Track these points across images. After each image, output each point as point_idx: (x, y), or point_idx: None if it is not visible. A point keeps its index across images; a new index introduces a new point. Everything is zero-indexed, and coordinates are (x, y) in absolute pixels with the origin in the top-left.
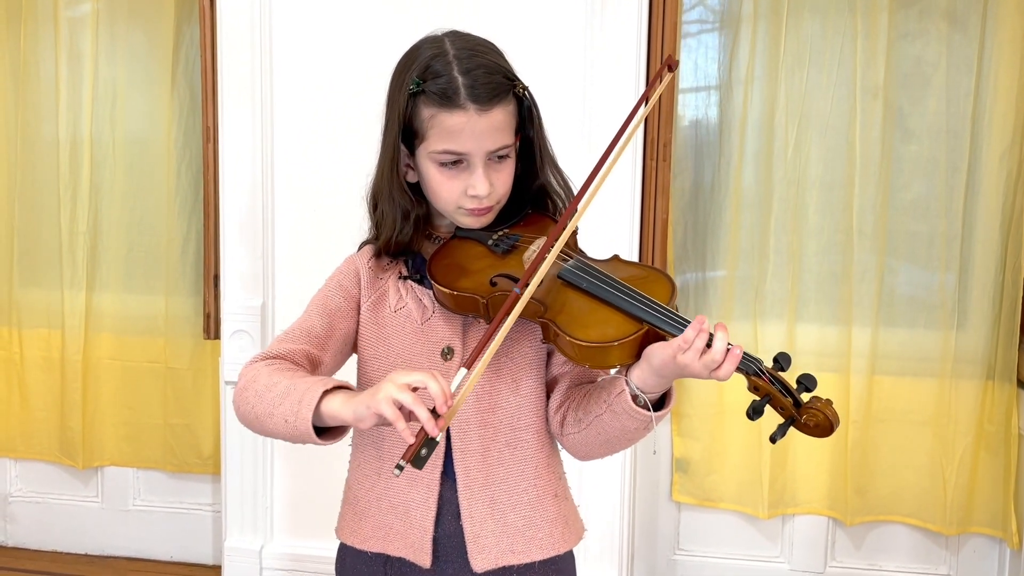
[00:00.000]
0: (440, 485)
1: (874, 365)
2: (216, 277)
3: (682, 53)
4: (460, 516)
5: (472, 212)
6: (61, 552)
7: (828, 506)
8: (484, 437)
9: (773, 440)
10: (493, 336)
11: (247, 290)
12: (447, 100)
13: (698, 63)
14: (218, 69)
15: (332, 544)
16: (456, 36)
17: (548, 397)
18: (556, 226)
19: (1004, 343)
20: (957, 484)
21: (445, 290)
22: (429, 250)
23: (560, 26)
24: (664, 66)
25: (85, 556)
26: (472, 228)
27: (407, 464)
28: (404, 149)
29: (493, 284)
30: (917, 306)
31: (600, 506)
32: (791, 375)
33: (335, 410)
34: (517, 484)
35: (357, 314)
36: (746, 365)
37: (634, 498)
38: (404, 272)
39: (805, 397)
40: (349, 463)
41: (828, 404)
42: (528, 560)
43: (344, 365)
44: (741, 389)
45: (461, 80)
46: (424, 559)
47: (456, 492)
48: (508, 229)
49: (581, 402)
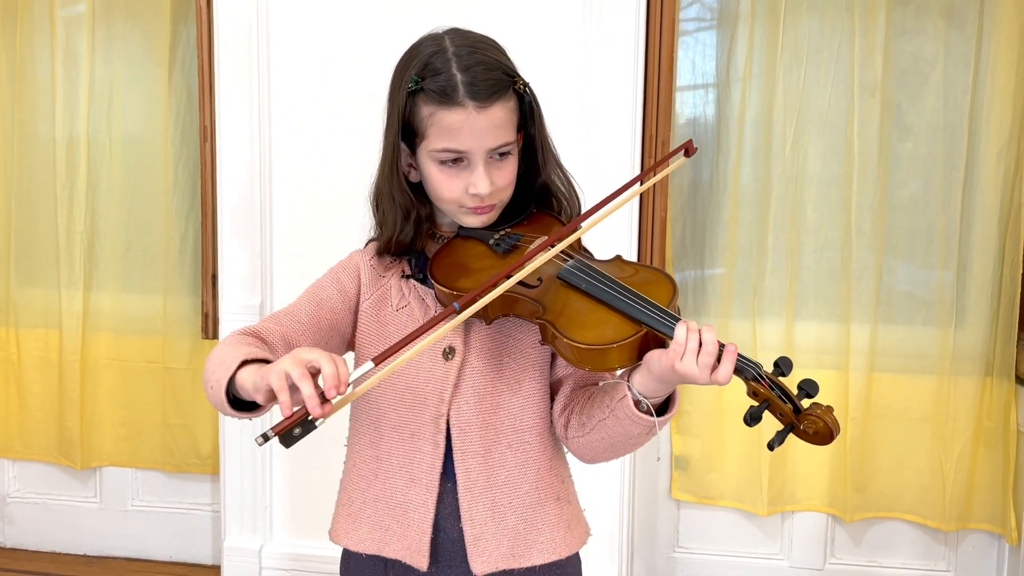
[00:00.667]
0: (440, 486)
1: (873, 362)
2: (214, 276)
3: (679, 50)
4: (460, 518)
5: (474, 211)
6: (60, 553)
7: (827, 503)
8: (486, 438)
9: (771, 447)
10: (407, 345)
11: (245, 289)
12: (446, 98)
13: (695, 61)
14: (215, 68)
15: (332, 544)
16: (456, 33)
17: (552, 399)
18: (544, 241)
19: (1002, 339)
20: (956, 480)
21: (446, 290)
22: (432, 249)
23: (558, 23)
24: (682, 148)
25: (84, 557)
26: (474, 227)
27: (274, 436)
28: (405, 148)
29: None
30: (916, 303)
31: (600, 504)
32: (792, 380)
33: (242, 380)
34: (519, 486)
35: (350, 311)
36: (745, 370)
37: (633, 496)
38: (407, 271)
39: (806, 403)
40: (344, 464)
41: (828, 411)
42: (529, 564)
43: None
44: (741, 388)
45: (460, 77)
46: (421, 562)
47: (456, 494)
48: (510, 228)
49: (584, 406)
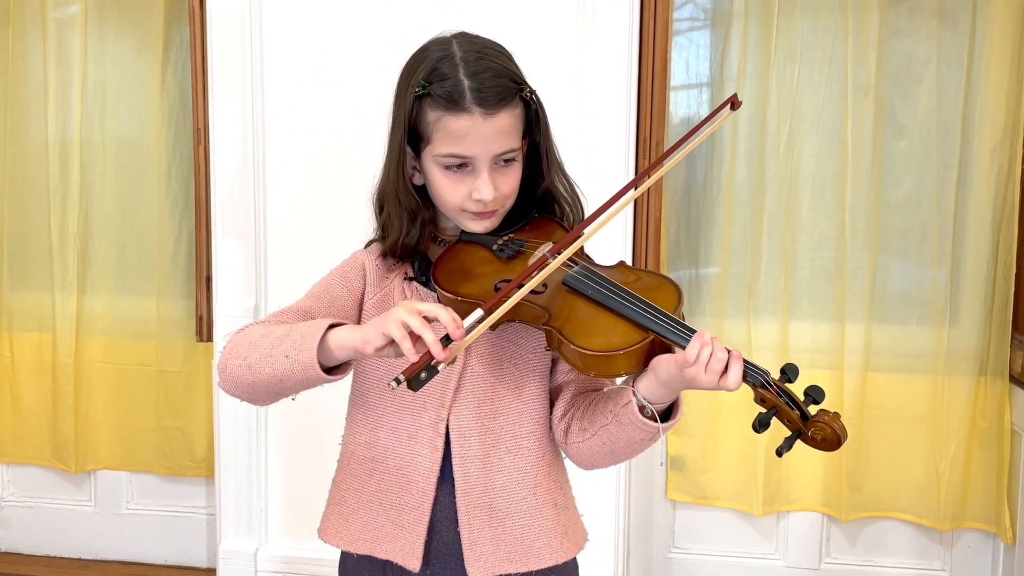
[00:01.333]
0: (437, 490)
1: (867, 362)
2: (208, 279)
3: (673, 51)
4: (457, 522)
5: (477, 216)
6: (54, 557)
7: (823, 503)
8: (485, 443)
9: (779, 454)
10: (515, 289)
11: (240, 291)
12: (452, 103)
13: (689, 61)
14: (208, 70)
15: (328, 546)
16: (464, 38)
17: (552, 405)
18: (562, 240)
19: (996, 339)
20: (951, 480)
21: (448, 294)
22: (435, 252)
23: (552, 24)
24: (728, 102)
25: (79, 560)
26: (477, 232)
27: (404, 380)
28: (410, 151)
29: (496, 290)
30: (910, 302)
31: (596, 504)
32: (799, 386)
33: (343, 338)
34: (516, 492)
35: (356, 309)
36: (753, 377)
37: (629, 496)
38: (410, 273)
39: (813, 410)
40: (338, 463)
41: (836, 418)
42: (525, 569)
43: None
44: (740, 389)
45: (467, 83)
46: (414, 564)
47: (454, 497)
48: (513, 234)
49: (586, 411)
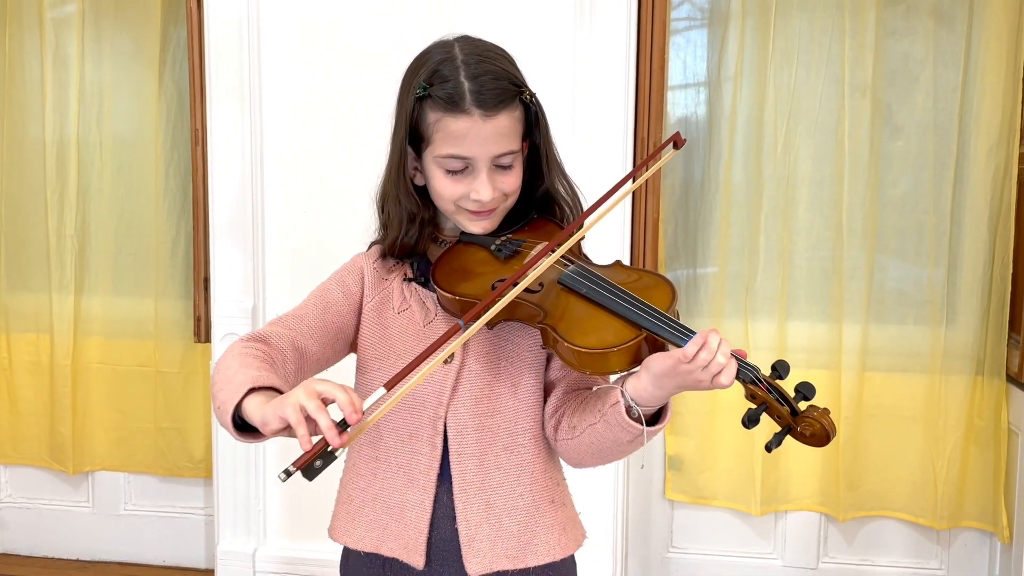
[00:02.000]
0: (436, 487)
1: (864, 361)
2: (206, 280)
3: (670, 50)
4: (456, 519)
5: (474, 215)
6: (52, 558)
7: (820, 502)
8: (482, 441)
9: (768, 449)
10: (417, 367)
11: (238, 292)
12: (452, 105)
13: (686, 60)
14: (206, 71)
15: (327, 546)
16: (466, 41)
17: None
18: (546, 246)
19: (993, 338)
20: (948, 479)
21: (447, 294)
22: (435, 253)
23: (549, 24)
24: (670, 140)
25: (76, 562)
26: (476, 232)
27: (295, 470)
28: (411, 152)
29: (494, 289)
30: (906, 302)
31: (594, 504)
32: (789, 383)
33: (249, 410)
34: (513, 489)
35: (355, 313)
36: (743, 373)
37: (627, 496)
38: (409, 274)
39: (803, 406)
40: (344, 463)
41: (825, 414)
42: (523, 566)
43: (340, 362)
44: (735, 389)
45: (467, 85)
46: (417, 560)
47: (452, 495)
48: (512, 234)
49: (576, 409)
